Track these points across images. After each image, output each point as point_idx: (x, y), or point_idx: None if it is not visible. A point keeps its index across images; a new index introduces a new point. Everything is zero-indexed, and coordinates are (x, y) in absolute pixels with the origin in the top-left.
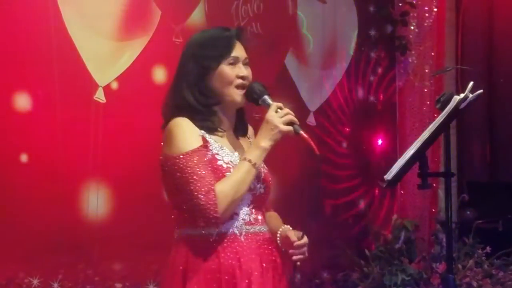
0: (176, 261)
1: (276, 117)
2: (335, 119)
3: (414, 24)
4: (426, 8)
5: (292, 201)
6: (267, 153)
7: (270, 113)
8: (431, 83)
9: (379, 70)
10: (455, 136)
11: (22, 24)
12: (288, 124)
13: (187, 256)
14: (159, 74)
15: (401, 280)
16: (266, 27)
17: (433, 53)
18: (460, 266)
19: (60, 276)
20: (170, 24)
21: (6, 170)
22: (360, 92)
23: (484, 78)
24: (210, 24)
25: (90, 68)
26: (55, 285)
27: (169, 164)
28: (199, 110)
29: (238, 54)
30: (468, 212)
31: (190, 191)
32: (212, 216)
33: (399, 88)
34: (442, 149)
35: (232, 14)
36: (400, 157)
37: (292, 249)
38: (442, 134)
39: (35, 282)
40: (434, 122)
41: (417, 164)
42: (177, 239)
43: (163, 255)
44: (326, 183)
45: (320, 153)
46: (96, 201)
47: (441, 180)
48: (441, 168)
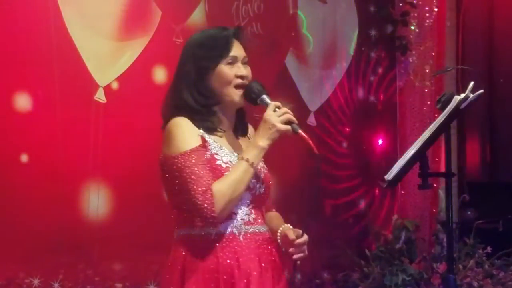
0: (175, 261)
1: (274, 116)
2: (335, 119)
3: (415, 24)
4: (427, 8)
5: (292, 201)
6: (265, 152)
7: (268, 112)
8: (431, 83)
9: (380, 70)
10: (455, 136)
11: (23, 24)
12: (286, 123)
13: (185, 255)
14: (160, 74)
15: (401, 280)
16: (267, 27)
17: (433, 53)
18: (460, 266)
19: (60, 276)
20: (171, 24)
21: (6, 170)
22: (361, 92)
23: (484, 78)
24: (211, 24)
25: (90, 68)
26: (56, 285)
27: (168, 163)
28: (198, 110)
29: (237, 53)
30: (469, 212)
31: (188, 190)
32: (209, 216)
33: (399, 88)
34: (442, 149)
35: (232, 14)
36: (400, 157)
37: (292, 247)
38: (443, 134)
39: (36, 282)
40: (434, 122)
41: (418, 164)
42: (176, 239)
43: (164, 255)
44: (326, 183)
45: (321, 153)
46: (96, 201)
47: (442, 180)
48: (442, 168)
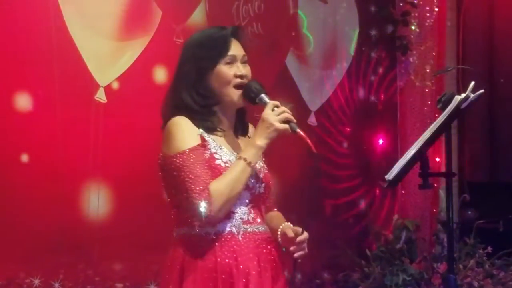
0: (174, 260)
1: (272, 115)
2: (336, 119)
3: (415, 24)
4: (427, 8)
5: (292, 201)
6: (264, 151)
7: (266, 112)
8: (432, 83)
9: (380, 70)
10: (456, 136)
11: (23, 24)
12: (285, 122)
13: (184, 255)
14: (160, 74)
15: (402, 280)
16: (267, 27)
17: (434, 53)
18: (461, 266)
19: (61, 276)
20: (171, 24)
21: (7, 170)
22: (361, 92)
23: (484, 78)
24: (211, 24)
25: (91, 68)
26: (56, 285)
27: (167, 162)
28: (198, 110)
29: (235, 52)
30: (469, 212)
31: (186, 189)
32: (207, 215)
33: (400, 88)
34: (443, 149)
35: (233, 14)
36: (401, 157)
37: (292, 245)
38: (443, 134)
39: (36, 282)
40: (435, 122)
41: (418, 164)
42: (175, 238)
43: (164, 255)
44: (326, 183)
45: (321, 153)
46: (96, 201)
47: (442, 180)
48: (442, 168)
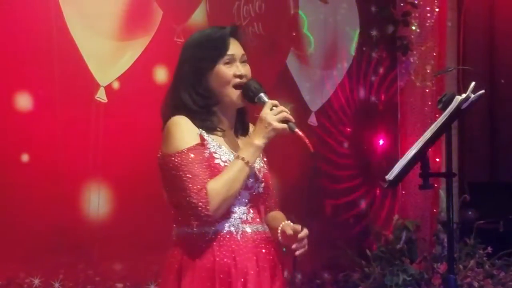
0: (172, 260)
1: (271, 115)
2: (336, 119)
3: (416, 24)
4: (428, 8)
5: (292, 201)
6: (262, 151)
7: (265, 111)
8: (432, 83)
9: (381, 70)
10: (456, 137)
11: (24, 24)
12: (283, 121)
13: (182, 254)
14: (161, 74)
15: (402, 281)
16: (268, 27)
17: (434, 53)
18: (461, 266)
19: (61, 276)
20: (172, 24)
21: (7, 170)
22: (362, 92)
23: (485, 78)
24: (212, 24)
25: (91, 68)
26: (56, 285)
27: (166, 161)
28: (197, 110)
29: (234, 51)
30: (470, 213)
31: (183, 189)
32: (204, 214)
33: (400, 88)
34: (443, 150)
35: (233, 14)
36: (401, 157)
37: (292, 243)
38: (444, 134)
39: (36, 282)
40: (435, 123)
41: (419, 164)
42: (174, 237)
43: (164, 255)
44: (327, 183)
45: (321, 153)
46: (97, 201)
47: (443, 180)
48: (442, 169)
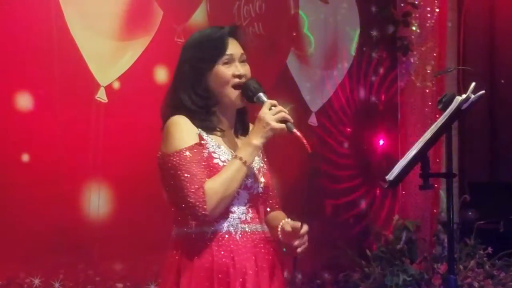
0: (172, 259)
1: (269, 115)
2: (336, 120)
3: (416, 24)
4: (428, 8)
5: (292, 201)
6: (261, 150)
7: (263, 110)
8: (432, 84)
9: (381, 70)
10: (456, 137)
11: (24, 24)
12: (282, 121)
13: (182, 254)
14: (161, 74)
15: (402, 281)
16: (268, 27)
17: (434, 54)
18: (461, 266)
19: (61, 276)
20: (172, 24)
21: (7, 170)
22: (362, 92)
23: (485, 78)
24: (212, 24)
25: (91, 68)
26: (56, 285)
27: (165, 161)
28: (196, 111)
29: (233, 51)
30: (470, 213)
31: (181, 188)
32: (201, 214)
33: (400, 88)
34: (443, 150)
35: (234, 14)
36: (401, 157)
37: (293, 240)
38: (444, 134)
39: (36, 282)
40: (436, 123)
41: (419, 165)
42: (173, 237)
43: (164, 256)
44: (327, 183)
45: (322, 153)
46: (97, 201)
47: (443, 180)
48: (443, 169)
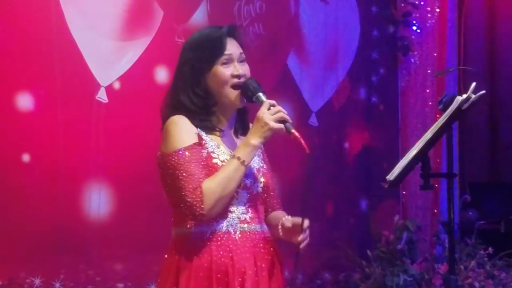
0: (171, 259)
1: (268, 114)
2: (337, 120)
3: (417, 24)
4: (428, 8)
5: (293, 201)
6: (257, 150)
7: (262, 110)
8: (433, 84)
9: (381, 70)
10: (456, 137)
11: (25, 24)
12: (280, 122)
13: (181, 254)
14: (161, 74)
15: (403, 281)
16: (268, 27)
17: (435, 54)
18: (462, 267)
19: (61, 276)
20: (172, 24)
21: (8, 170)
22: (362, 92)
23: (485, 78)
24: (213, 24)
25: (92, 68)
26: (57, 285)
27: (164, 161)
28: (196, 111)
29: (231, 51)
30: (470, 213)
31: (179, 188)
32: (198, 213)
33: (401, 88)
34: (443, 150)
35: (234, 14)
36: (402, 157)
37: (293, 236)
38: (445, 134)
39: (37, 282)
40: (436, 123)
41: (419, 165)
42: (173, 237)
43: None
44: (327, 183)
45: (322, 153)
46: (97, 201)
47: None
48: (443, 169)
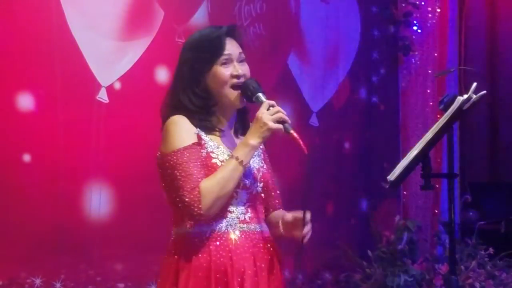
0: (171, 259)
1: (266, 115)
2: (337, 120)
3: (417, 24)
4: (429, 8)
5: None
6: (256, 150)
7: (261, 110)
8: (433, 84)
9: (382, 70)
10: (457, 137)
11: (25, 24)
12: (279, 122)
13: (180, 253)
14: (162, 74)
15: (403, 281)
16: (269, 27)
17: (436, 54)
18: (462, 267)
19: (62, 276)
20: (173, 25)
21: (9, 170)
22: (363, 92)
23: (486, 78)
24: (213, 24)
25: (93, 68)
26: (57, 285)
27: (164, 161)
28: (195, 111)
29: (231, 51)
30: (471, 213)
31: (178, 187)
32: (196, 213)
33: (401, 88)
34: (444, 150)
35: (235, 14)
36: (403, 158)
37: (294, 231)
38: (445, 135)
39: (37, 282)
40: (437, 123)
41: (420, 165)
42: (173, 237)
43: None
44: (327, 183)
45: (322, 153)
46: (98, 201)
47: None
48: (443, 169)
